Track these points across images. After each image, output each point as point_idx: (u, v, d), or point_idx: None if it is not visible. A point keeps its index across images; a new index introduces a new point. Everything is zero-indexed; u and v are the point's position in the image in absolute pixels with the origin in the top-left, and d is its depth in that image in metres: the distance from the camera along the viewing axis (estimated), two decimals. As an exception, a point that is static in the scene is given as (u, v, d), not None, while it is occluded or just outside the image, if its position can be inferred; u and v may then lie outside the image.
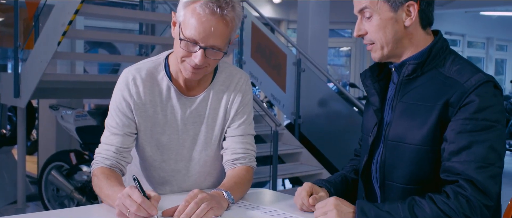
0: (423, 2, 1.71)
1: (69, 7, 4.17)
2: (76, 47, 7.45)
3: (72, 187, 4.97)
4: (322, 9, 8.32)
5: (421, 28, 1.74)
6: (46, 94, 5.37)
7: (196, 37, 1.79)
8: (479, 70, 1.67)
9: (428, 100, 1.67)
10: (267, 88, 7.48)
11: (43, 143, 6.58)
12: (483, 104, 1.59)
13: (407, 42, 1.74)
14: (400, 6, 1.70)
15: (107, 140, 1.99)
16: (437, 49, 1.72)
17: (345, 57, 13.57)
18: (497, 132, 1.60)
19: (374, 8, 1.72)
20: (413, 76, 1.73)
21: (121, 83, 1.99)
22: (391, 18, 1.71)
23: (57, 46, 4.29)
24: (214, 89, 2.04)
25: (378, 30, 1.73)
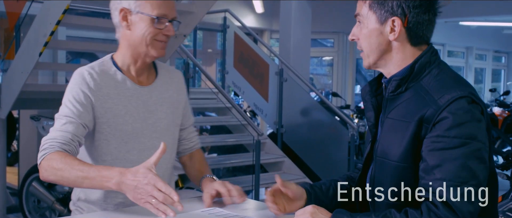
0: (412, 20, 1.68)
1: (51, 18, 4.15)
2: (58, 57, 7.41)
3: (54, 198, 4.94)
4: (304, 19, 8.38)
5: (410, 45, 1.71)
6: (27, 105, 5.33)
7: (165, 12, 2.02)
8: (458, 85, 1.63)
9: (407, 117, 1.65)
10: (249, 98, 7.50)
11: (24, 154, 6.52)
12: (455, 121, 1.56)
13: (393, 56, 1.73)
14: (386, 19, 1.70)
15: (62, 127, 1.93)
16: (421, 64, 1.69)
17: (328, 67, 13.64)
18: (471, 149, 1.56)
19: (364, 16, 1.74)
20: (397, 92, 1.71)
21: (76, 79, 2.03)
22: (376, 29, 1.71)
23: (39, 56, 4.27)
24: (161, 81, 2.18)
25: (364, 38, 1.74)
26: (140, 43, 2.04)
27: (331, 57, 12.85)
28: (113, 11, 2.08)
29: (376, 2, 1.71)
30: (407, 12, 1.68)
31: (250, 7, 10.58)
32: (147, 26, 2.02)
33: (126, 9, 2.03)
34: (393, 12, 1.68)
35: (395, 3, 1.68)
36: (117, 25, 2.10)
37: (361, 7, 1.75)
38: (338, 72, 12.39)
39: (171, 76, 2.24)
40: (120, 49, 2.12)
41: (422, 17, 1.70)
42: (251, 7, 10.47)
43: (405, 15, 1.68)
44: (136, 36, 2.04)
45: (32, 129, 6.13)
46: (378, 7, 1.71)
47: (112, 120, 2.04)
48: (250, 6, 10.49)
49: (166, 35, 2.05)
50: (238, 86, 7.54)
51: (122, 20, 2.04)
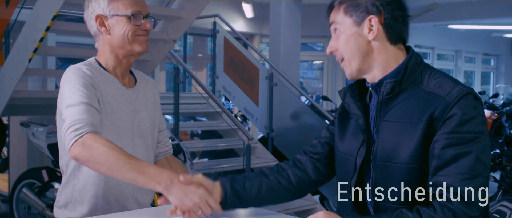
0: (387, 16, 1.70)
1: (40, 24, 4.15)
2: (48, 64, 7.39)
3: (44, 205, 4.92)
4: (294, 24, 8.41)
5: (389, 43, 1.73)
6: (17, 111, 5.32)
7: (139, 8, 2.12)
8: (458, 83, 1.67)
9: (412, 117, 1.65)
10: (240, 102, 7.51)
11: (14, 160, 6.50)
12: (465, 116, 1.59)
13: (375, 57, 1.73)
14: (362, 20, 1.71)
15: (83, 111, 1.92)
16: (412, 65, 1.71)
17: (318, 70, 13.67)
18: (482, 143, 1.59)
19: (339, 23, 1.75)
20: (392, 94, 1.70)
21: (76, 72, 2.04)
22: (354, 32, 1.73)
23: (28, 63, 4.27)
24: (140, 85, 2.25)
25: (344, 44, 1.74)
26: (123, 43, 2.11)
27: (321, 61, 12.89)
28: (88, 21, 2.15)
29: (352, 5, 1.73)
30: (382, 10, 1.70)
31: (240, 11, 10.60)
32: (125, 25, 2.10)
33: (102, 15, 2.11)
34: (368, 11, 1.71)
35: (369, 3, 1.71)
36: (96, 33, 2.15)
37: (336, 14, 1.77)
38: (328, 76, 12.43)
39: (146, 81, 2.31)
40: (103, 54, 2.16)
41: (397, 13, 1.72)
42: (241, 11, 10.49)
43: (381, 12, 1.70)
44: (118, 37, 2.11)
45: (22, 135, 6.11)
46: (353, 9, 1.73)
47: (110, 115, 2.08)
48: (240, 10, 10.51)
49: (144, 30, 2.14)
50: (229, 90, 7.55)
51: (100, 26, 2.12)
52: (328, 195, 6.51)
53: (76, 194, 2.11)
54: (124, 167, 1.80)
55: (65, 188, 2.15)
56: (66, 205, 2.14)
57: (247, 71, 7.33)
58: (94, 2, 2.13)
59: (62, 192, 2.16)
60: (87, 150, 1.83)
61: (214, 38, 7.70)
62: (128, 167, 1.80)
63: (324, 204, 6.57)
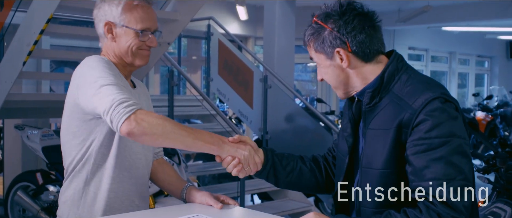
0: (353, 43, 1.76)
1: (34, 27, 4.15)
2: (42, 66, 7.39)
3: (39, 208, 4.92)
4: (288, 26, 8.42)
5: (363, 62, 1.79)
6: (12, 114, 5.31)
7: (148, 25, 2.12)
8: (429, 88, 1.70)
9: (386, 124, 1.72)
10: (234, 105, 7.52)
11: (8, 163, 6.49)
12: (433, 122, 1.63)
13: (355, 79, 1.81)
14: (332, 53, 1.79)
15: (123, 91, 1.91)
16: (390, 73, 1.77)
17: (313, 73, 13.69)
18: (453, 146, 1.62)
19: (316, 60, 1.85)
20: (372, 103, 1.78)
21: (100, 60, 2.05)
22: (329, 64, 1.82)
23: (23, 66, 4.26)
24: (138, 89, 2.27)
25: (325, 76, 1.86)
26: (126, 54, 2.13)
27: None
28: (97, 22, 2.15)
29: (318, 42, 1.81)
30: (346, 39, 1.76)
31: (234, 14, 10.61)
32: (132, 39, 2.11)
33: (111, 23, 2.11)
34: (333, 45, 1.78)
35: (331, 37, 1.78)
36: (101, 35, 2.16)
37: (310, 51, 1.87)
38: (323, 78, 12.43)
39: (140, 85, 2.34)
40: (107, 55, 2.17)
41: (360, 37, 1.77)
42: (235, 14, 10.50)
43: (345, 42, 1.76)
44: (122, 48, 2.12)
45: (16, 138, 6.11)
46: (320, 46, 1.81)
47: None
48: (234, 13, 10.52)
49: (149, 46, 2.15)
50: (223, 93, 7.56)
51: (107, 32, 2.12)
52: (323, 197, 6.52)
53: (78, 194, 2.11)
54: (181, 135, 1.87)
55: (69, 187, 2.14)
56: (70, 203, 2.14)
57: (242, 74, 7.34)
58: (107, 6, 2.12)
59: (66, 191, 2.15)
60: (142, 124, 1.83)
61: (208, 41, 7.70)
62: (185, 134, 1.87)
63: (318, 206, 6.58)
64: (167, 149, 4.72)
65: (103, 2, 2.14)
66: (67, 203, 2.13)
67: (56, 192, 4.88)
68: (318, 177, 2.10)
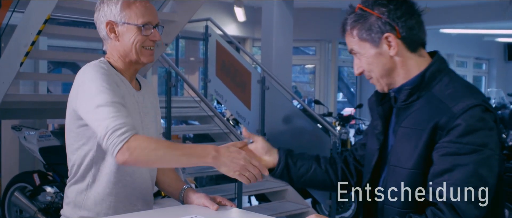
0: (403, 29, 1.73)
1: (31, 28, 4.15)
2: (40, 67, 7.38)
3: (36, 208, 4.91)
4: (286, 27, 8.43)
5: (410, 52, 1.76)
6: (9, 115, 5.31)
7: (150, 19, 2.12)
8: (471, 94, 1.68)
9: (421, 124, 1.69)
10: (232, 106, 7.52)
11: (6, 164, 6.48)
12: (468, 128, 1.59)
13: (399, 70, 1.77)
14: (379, 40, 1.74)
15: (119, 113, 1.92)
16: (432, 73, 1.74)
17: (310, 74, 13.70)
18: (483, 156, 1.59)
19: (357, 49, 1.80)
20: (409, 101, 1.75)
21: (96, 69, 2.03)
22: (375, 54, 1.76)
23: (20, 66, 4.26)
24: (144, 89, 2.27)
25: (368, 66, 1.79)
26: (130, 51, 2.12)
27: (313, 65, 12.92)
28: (98, 25, 2.15)
29: (364, 29, 1.76)
30: (395, 24, 1.73)
31: (232, 15, 10.61)
32: (135, 35, 2.11)
33: (112, 22, 2.11)
34: (382, 30, 1.73)
35: (379, 23, 1.73)
36: (104, 37, 2.16)
37: (350, 41, 1.81)
38: (320, 79, 12.45)
39: (148, 86, 2.34)
40: (111, 56, 2.17)
41: (410, 23, 1.75)
42: (233, 15, 10.50)
43: (395, 27, 1.72)
44: (126, 46, 2.12)
45: (13, 139, 6.10)
46: (366, 33, 1.76)
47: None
48: (232, 14, 10.52)
49: (153, 40, 2.15)
50: (221, 94, 7.55)
51: (110, 32, 2.12)
52: (320, 198, 6.52)
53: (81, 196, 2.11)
54: (175, 155, 1.92)
55: (71, 189, 2.14)
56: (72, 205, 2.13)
57: (239, 75, 7.34)
58: (106, 7, 2.13)
59: (68, 192, 2.15)
60: (135, 153, 1.87)
61: (206, 42, 7.70)
62: (179, 154, 1.92)
63: (316, 207, 6.58)
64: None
65: (102, 3, 2.14)
66: (70, 205, 2.14)
67: (53, 193, 4.88)
68: (333, 178, 2.08)
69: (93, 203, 2.10)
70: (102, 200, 2.10)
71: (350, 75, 13.79)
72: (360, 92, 13.35)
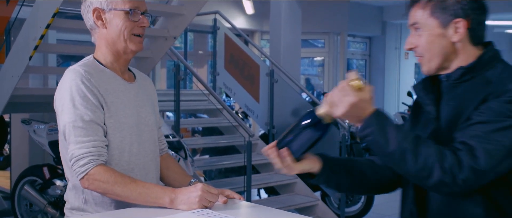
0: (474, 21, 1.75)
1: (40, 21, 4.15)
2: (49, 61, 7.40)
3: (46, 202, 4.94)
4: (294, 20, 8.41)
5: (471, 45, 1.77)
6: (19, 109, 5.33)
7: (137, 4, 2.11)
8: None
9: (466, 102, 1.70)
10: (241, 99, 7.52)
11: (15, 157, 6.51)
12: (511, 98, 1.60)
13: (455, 57, 1.77)
14: (449, 22, 1.74)
15: (88, 138, 1.94)
16: (489, 57, 1.75)
17: (319, 67, 13.67)
18: None
19: (424, 23, 1.77)
20: (462, 80, 1.75)
21: (74, 77, 2.00)
22: (439, 34, 1.76)
23: (29, 60, 4.27)
24: (139, 81, 2.25)
25: (426, 44, 1.77)
26: (118, 39, 2.10)
27: (322, 58, 12.89)
28: (85, 14, 2.14)
29: (439, 7, 1.75)
30: (470, 14, 1.74)
31: (240, 8, 10.60)
32: (122, 21, 2.09)
33: (99, 9, 2.10)
34: (456, 14, 1.74)
35: (458, 6, 1.74)
36: (92, 27, 2.15)
37: (419, 13, 1.79)
38: (329, 72, 12.42)
39: (144, 78, 2.33)
40: (99, 49, 2.15)
41: (482, 18, 1.78)
42: (241, 8, 10.49)
43: (468, 16, 1.74)
44: (114, 33, 2.10)
45: (23, 133, 6.13)
46: (440, 11, 1.75)
47: (115, 113, 2.06)
48: (240, 7, 10.51)
49: (142, 27, 2.13)
50: (229, 87, 7.55)
51: (97, 19, 2.11)
52: (329, 191, 6.51)
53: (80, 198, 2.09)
54: (132, 195, 1.94)
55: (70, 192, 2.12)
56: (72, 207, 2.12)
57: (248, 68, 7.33)
58: None
59: (69, 196, 2.13)
60: (94, 185, 1.94)
61: (215, 35, 7.69)
62: (136, 194, 1.94)
63: (325, 200, 6.58)
64: (173, 143, 4.72)
65: None
66: (70, 209, 2.12)
67: (63, 186, 4.89)
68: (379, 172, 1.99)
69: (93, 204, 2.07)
70: (102, 202, 2.07)
71: (359, 68, 13.75)
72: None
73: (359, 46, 13.70)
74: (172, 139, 4.75)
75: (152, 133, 2.21)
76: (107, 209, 2.06)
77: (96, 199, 2.07)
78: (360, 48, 13.67)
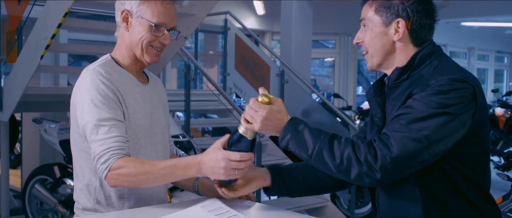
0: (415, 22, 1.80)
1: (52, 21, 4.16)
2: (60, 60, 7.42)
3: (56, 201, 4.95)
4: (305, 21, 8.39)
5: (413, 45, 1.83)
6: (30, 108, 5.35)
7: (165, 21, 2.07)
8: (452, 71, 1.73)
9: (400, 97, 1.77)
10: (251, 100, 7.50)
11: (26, 156, 6.54)
12: (436, 90, 1.66)
13: (397, 56, 1.84)
14: (391, 21, 1.81)
15: (109, 135, 1.92)
16: (422, 56, 1.80)
17: (329, 68, 13.65)
18: (438, 112, 1.64)
19: (369, 20, 1.85)
20: (399, 80, 1.81)
21: (94, 76, 2.00)
22: (381, 31, 1.83)
23: (40, 59, 4.28)
24: (152, 83, 2.25)
25: (369, 40, 1.86)
26: (136, 46, 2.09)
27: (332, 58, 12.87)
28: (116, 10, 2.13)
29: (382, 5, 1.83)
30: (411, 16, 1.80)
31: (251, 8, 10.60)
32: (145, 32, 2.07)
33: (128, 11, 2.08)
34: (398, 14, 1.81)
35: (400, 6, 1.81)
36: (118, 23, 2.14)
37: (367, 11, 1.87)
38: (340, 73, 12.40)
39: (155, 80, 2.33)
40: (119, 48, 2.15)
41: (424, 21, 1.83)
42: (252, 8, 10.49)
43: (409, 18, 1.80)
44: (134, 39, 2.09)
45: (34, 131, 6.16)
46: (384, 10, 1.83)
47: (132, 115, 2.06)
48: (251, 7, 10.51)
49: (162, 43, 2.10)
50: (240, 87, 7.55)
51: (123, 21, 2.10)
52: (339, 192, 6.50)
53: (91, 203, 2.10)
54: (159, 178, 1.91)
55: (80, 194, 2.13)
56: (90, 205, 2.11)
57: (258, 68, 7.32)
58: None
59: (79, 197, 2.13)
60: (119, 180, 1.90)
61: (225, 35, 7.70)
62: (162, 174, 1.89)
63: (335, 201, 6.56)
64: (183, 143, 4.72)
65: None
66: (86, 211, 2.11)
67: (74, 185, 4.91)
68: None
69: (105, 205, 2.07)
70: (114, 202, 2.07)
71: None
72: (380, 86, 13.27)
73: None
74: (182, 139, 4.75)
75: (163, 135, 2.21)
76: (120, 209, 2.06)
77: (108, 200, 2.07)
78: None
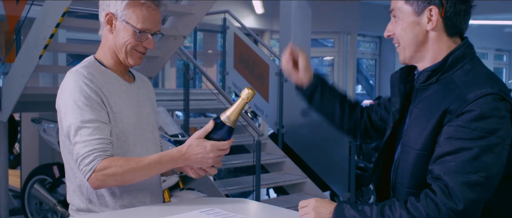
0: (449, 9, 1.71)
1: (50, 20, 4.16)
2: (59, 60, 7.42)
3: (55, 201, 4.95)
4: (304, 19, 8.38)
5: (446, 35, 1.75)
6: (29, 108, 5.35)
7: (149, 26, 2.07)
8: (489, 82, 1.65)
9: (433, 107, 1.68)
10: (250, 99, 7.49)
11: (25, 156, 6.54)
12: (479, 114, 1.58)
13: (429, 47, 1.75)
14: (423, 10, 1.72)
15: (92, 136, 1.93)
16: (455, 58, 1.72)
17: (329, 67, 13.65)
18: (489, 143, 1.57)
19: (399, 10, 1.77)
20: (428, 83, 1.74)
21: (77, 78, 2.00)
22: (413, 21, 1.74)
23: (39, 59, 4.28)
24: (138, 82, 2.25)
25: (401, 32, 1.77)
26: (120, 50, 2.10)
27: (331, 57, 12.85)
28: (100, 10, 2.12)
29: None
30: (444, 1, 1.71)
31: (250, 7, 10.59)
32: (129, 37, 2.07)
33: (112, 14, 2.07)
34: (430, 1, 1.72)
35: None
36: (101, 23, 2.14)
37: (396, 2, 1.78)
38: (339, 72, 12.39)
39: (142, 79, 2.33)
40: (102, 49, 2.15)
41: (459, 7, 1.74)
42: (251, 7, 10.47)
43: (443, 4, 1.71)
44: (118, 43, 2.09)
45: (33, 131, 6.15)
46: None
47: (118, 114, 2.06)
48: (250, 6, 10.49)
49: (145, 47, 2.11)
50: (239, 87, 7.54)
51: (107, 23, 2.09)
52: (339, 191, 6.50)
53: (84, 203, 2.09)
54: (144, 173, 1.95)
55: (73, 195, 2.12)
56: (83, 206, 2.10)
57: (257, 67, 7.32)
58: None
59: (73, 199, 2.12)
60: (105, 181, 1.92)
61: (224, 34, 7.69)
62: (147, 169, 1.94)
63: (334, 200, 6.55)
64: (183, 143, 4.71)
65: None
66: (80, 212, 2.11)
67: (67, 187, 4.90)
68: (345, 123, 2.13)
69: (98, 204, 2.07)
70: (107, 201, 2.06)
71: (369, 68, 13.71)
72: (379, 85, 13.27)
73: (369, 46, 13.65)
74: (181, 138, 4.75)
75: (153, 133, 2.21)
76: (113, 208, 2.06)
77: (101, 199, 2.07)
78: (370, 48, 13.62)
